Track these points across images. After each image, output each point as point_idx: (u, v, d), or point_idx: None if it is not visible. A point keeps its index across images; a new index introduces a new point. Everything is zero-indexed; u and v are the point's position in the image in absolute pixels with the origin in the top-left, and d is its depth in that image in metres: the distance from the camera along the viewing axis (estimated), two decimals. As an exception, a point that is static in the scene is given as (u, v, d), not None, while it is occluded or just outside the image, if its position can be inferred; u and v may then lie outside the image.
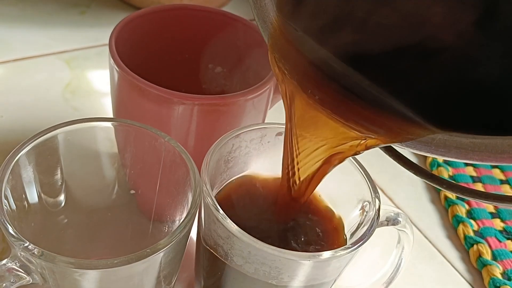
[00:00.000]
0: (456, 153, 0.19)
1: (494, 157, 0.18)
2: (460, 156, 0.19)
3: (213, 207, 0.25)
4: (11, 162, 0.25)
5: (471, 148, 0.18)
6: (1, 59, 0.50)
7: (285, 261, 0.24)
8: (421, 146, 0.20)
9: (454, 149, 0.18)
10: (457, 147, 0.18)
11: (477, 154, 0.18)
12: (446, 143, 0.19)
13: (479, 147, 0.18)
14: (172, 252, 0.25)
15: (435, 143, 0.19)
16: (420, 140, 0.20)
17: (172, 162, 0.28)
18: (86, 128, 0.27)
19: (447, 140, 0.19)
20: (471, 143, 0.18)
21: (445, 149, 0.19)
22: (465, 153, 0.18)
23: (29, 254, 0.22)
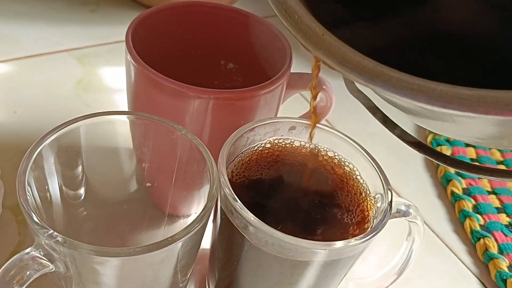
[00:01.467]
0: (459, 104, 0.18)
1: (499, 109, 0.17)
2: (463, 107, 0.18)
3: (231, 197, 0.26)
4: (34, 153, 0.26)
5: (476, 99, 0.18)
6: (13, 56, 0.51)
7: (301, 249, 0.25)
8: (420, 96, 0.19)
9: (457, 99, 0.18)
10: (460, 98, 0.18)
11: (482, 105, 0.17)
12: (448, 94, 0.18)
13: (484, 98, 0.17)
14: (190, 242, 0.26)
15: (437, 93, 0.18)
16: (420, 90, 0.19)
17: (189, 155, 0.29)
18: (106, 121, 0.28)
19: (450, 91, 0.18)
20: (475, 93, 0.18)
21: (447, 100, 0.18)
22: (469, 104, 0.18)
23: (53, 242, 0.23)
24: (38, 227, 0.23)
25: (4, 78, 0.48)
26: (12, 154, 0.41)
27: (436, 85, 0.19)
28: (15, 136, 0.43)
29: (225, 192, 0.26)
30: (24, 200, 0.24)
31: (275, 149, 0.31)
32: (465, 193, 0.46)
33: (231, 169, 0.29)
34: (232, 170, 0.29)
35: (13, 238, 0.35)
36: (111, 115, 0.28)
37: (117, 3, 0.61)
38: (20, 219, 0.37)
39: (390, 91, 0.20)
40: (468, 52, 0.24)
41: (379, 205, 0.29)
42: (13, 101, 0.46)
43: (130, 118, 0.29)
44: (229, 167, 0.29)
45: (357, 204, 0.29)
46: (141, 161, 0.31)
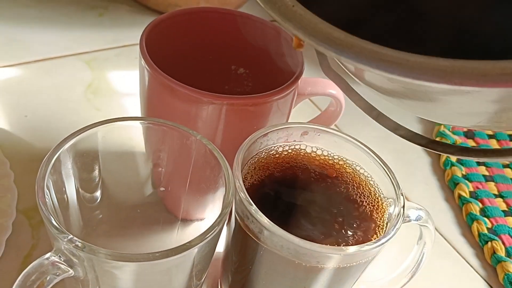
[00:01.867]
0: (434, 75, 0.17)
1: (475, 79, 0.16)
2: (438, 78, 0.17)
3: (247, 202, 0.26)
4: (53, 158, 0.26)
5: (451, 69, 0.17)
6: (22, 60, 0.51)
7: (316, 253, 0.26)
8: (393, 68, 0.18)
9: (432, 70, 0.17)
10: (435, 69, 0.17)
11: (458, 76, 0.17)
12: (422, 64, 0.17)
13: (460, 69, 0.17)
14: (206, 248, 0.26)
15: (410, 64, 0.18)
16: (393, 62, 0.18)
17: (203, 160, 0.29)
18: (123, 127, 0.28)
19: (424, 62, 0.17)
20: (451, 64, 0.17)
21: (422, 71, 0.17)
22: (444, 75, 0.17)
23: (72, 247, 0.23)
24: (57, 231, 0.23)
25: (14, 82, 0.49)
26: (23, 158, 0.41)
27: (410, 56, 0.18)
28: (27, 140, 0.43)
29: (240, 197, 0.27)
30: (43, 205, 0.24)
31: (288, 154, 0.32)
32: (472, 197, 0.46)
33: (245, 174, 0.30)
34: (246, 175, 0.30)
35: (26, 242, 0.36)
36: (127, 121, 0.29)
37: (124, 8, 0.61)
38: (34, 222, 0.37)
39: (362, 63, 0.19)
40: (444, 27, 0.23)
41: (391, 210, 0.30)
42: (23, 105, 0.46)
43: (146, 123, 0.29)
44: (243, 172, 0.29)
45: (370, 209, 0.30)
46: (156, 165, 0.31)
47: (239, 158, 0.28)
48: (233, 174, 0.27)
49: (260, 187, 0.29)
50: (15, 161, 0.39)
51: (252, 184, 0.29)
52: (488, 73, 0.16)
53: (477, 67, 0.17)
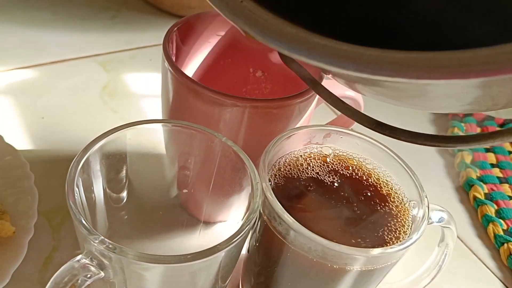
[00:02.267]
0: (390, 69, 0.16)
1: (432, 72, 0.16)
2: (394, 72, 0.16)
3: (274, 203, 0.26)
4: (82, 158, 0.26)
5: (406, 62, 0.16)
6: (37, 62, 0.51)
7: (343, 255, 0.26)
8: (348, 64, 0.17)
9: (387, 65, 0.16)
10: (391, 62, 0.16)
11: (413, 69, 0.16)
12: (377, 58, 0.17)
13: (415, 62, 0.16)
14: (234, 250, 0.26)
15: (365, 59, 0.17)
16: (347, 56, 0.17)
17: (228, 161, 0.29)
18: (150, 129, 0.29)
19: (379, 56, 0.17)
20: (406, 57, 0.16)
21: (377, 65, 0.17)
22: (399, 68, 0.16)
23: (104, 248, 0.23)
24: (88, 233, 0.24)
25: (30, 84, 0.49)
26: (42, 160, 0.41)
27: (365, 50, 0.17)
28: (44, 142, 0.43)
29: (267, 198, 0.27)
30: (74, 206, 0.24)
31: (312, 156, 0.32)
32: (487, 198, 0.46)
33: (270, 176, 0.30)
34: (271, 176, 0.30)
35: (47, 244, 0.36)
36: (153, 123, 0.29)
37: (137, 9, 0.61)
38: (54, 224, 0.37)
39: (315, 60, 0.18)
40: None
41: (415, 212, 0.30)
42: (40, 107, 0.46)
43: (171, 126, 0.29)
44: (268, 174, 0.30)
45: (394, 211, 0.30)
46: (181, 168, 0.31)
47: (265, 159, 0.28)
48: (259, 176, 0.27)
49: (285, 189, 0.29)
50: (34, 163, 0.39)
51: (277, 186, 0.29)
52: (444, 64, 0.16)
53: (433, 58, 0.16)
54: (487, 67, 0.15)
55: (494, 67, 0.15)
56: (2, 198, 0.35)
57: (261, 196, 0.27)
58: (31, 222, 0.34)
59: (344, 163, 0.32)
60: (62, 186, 0.39)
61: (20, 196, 0.36)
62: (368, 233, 0.28)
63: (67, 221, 0.37)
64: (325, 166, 0.31)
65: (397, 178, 0.31)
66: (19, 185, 0.36)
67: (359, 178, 0.31)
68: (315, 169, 0.31)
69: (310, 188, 0.30)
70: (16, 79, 0.49)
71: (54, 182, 0.39)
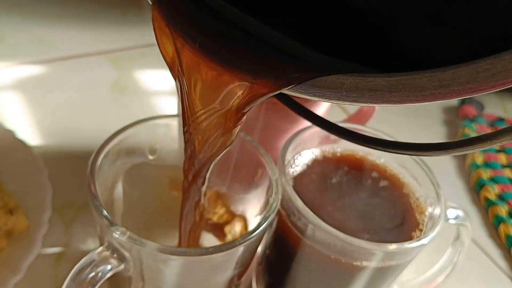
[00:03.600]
0: (371, 97, 0.16)
1: (413, 96, 0.15)
2: (376, 99, 0.16)
3: (294, 198, 0.26)
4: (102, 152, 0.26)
5: (387, 88, 0.16)
6: (48, 57, 0.51)
7: (362, 250, 0.26)
8: (331, 93, 0.17)
9: (368, 92, 0.16)
10: (371, 90, 0.16)
11: (395, 95, 0.16)
12: (358, 86, 0.16)
13: (396, 87, 0.16)
14: (252, 245, 0.26)
15: (346, 88, 0.17)
16: (328, 86, 0.17)
17: (246, 157, 0.29)
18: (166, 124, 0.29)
19: (359, 83, 0.16)
20: (386, 82, 0.16)
21: (358, 93, 0.16)
22: (381, 95, 0.16)
23: (125, 239, 0.23)
24: (109, 224, 0.23)
25: (40, 80, 0.49)
26: (54, 156, 0.41)
27: (344, 79, 0.17)
28: (55, 138, 0.43)
29: (286, 193, 0.27)
30: (95, 198, 0.24)
31: (329, 152, 0.32)
32: (498, 199, 0.46)
33: (288, 171, 0.30)
34: (288, 172, 0.30)
35: (60, 239, 0.36)
36: (170, 118, 0.29)
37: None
38: (67, 219, 0.37)
39: (298, 92, 0.18)
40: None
41: (431, 210, 0.30)
42: (50, 102, 0.46)
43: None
44: (287, 169, 0.30)
45: (410, 208, 0.30)
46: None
47: (284, 155, 0.28)
48: (279, 171, 0.27)
49: (303, 184, 0.29)
50: (45, 158, 0.39)
51: (296, 181, 0.29)
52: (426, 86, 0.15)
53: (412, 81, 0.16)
54: (468, 86, 0.15)
55: (475, 85, 0.15)
56: (15, 193, 0.35)
57: (280, 192, 0.27)
58: (45, 217, 0.34)
59: (360, 160, 0.32)
60: (73, 181, 0.39)
61: (33, 190, 0.36)
62: (385, 230, 0.28)
63: (79, 216, 0.37)
64: (341, 162, 0.31)
65: (413, 175, 0.31)
66: (32, 180, 0.36)
67: (376, 175, 0.31)
68: (331, 165, 0.31)
69: (327, 184, 0.30)
70: (27, 74, 0.49)
71: (65, 177, 0.39)
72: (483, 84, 0.14)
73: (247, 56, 0.20)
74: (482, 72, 0.14)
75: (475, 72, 0.14)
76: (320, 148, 0.32)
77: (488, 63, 0.14)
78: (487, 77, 0.14)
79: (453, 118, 0.56)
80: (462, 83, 0.15)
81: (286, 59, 0.19)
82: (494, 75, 0.14)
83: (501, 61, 0.14)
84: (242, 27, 0.21)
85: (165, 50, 0.22)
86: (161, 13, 0.21)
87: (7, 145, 0.39)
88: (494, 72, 0.14)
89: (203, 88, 0.21)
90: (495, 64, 0.14)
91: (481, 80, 0.14)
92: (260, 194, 0.29)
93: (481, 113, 0.56)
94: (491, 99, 0.60)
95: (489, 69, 0.14)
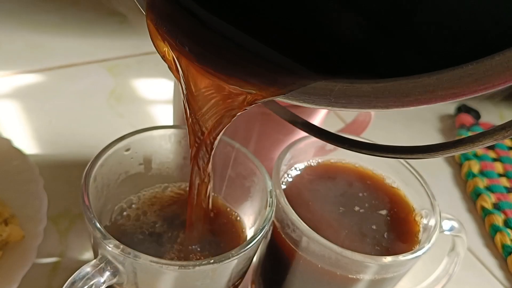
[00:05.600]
0: (359, 103, 0.17)
1: (400, 101, 0.16)
2: (363, 105, 0.17)
3: (288, 210, 0.26)
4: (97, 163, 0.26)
5: (374, 94, 0.16)
6: (45, 66, 0.51)
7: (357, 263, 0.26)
8: (320, 100, 0.18)
9: (356, 99, 0.17)
10: (359, 96, 0.17)
11: (381, 101, 0.16)
12: (346, 92, 0.17)
13: (382, 93, 0.16)
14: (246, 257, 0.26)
15: (334, 94, 0.17)
16: (317, 93, 0.18)
17: (241, 168, 0.29)
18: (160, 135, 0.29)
19: (347, 89, 0.17)
20: (373, 89, 0.16)
21: (346, 100, 0.17)
22: (368, 101, 0.16)
23: (118, 252, 0.23)
24: (102, 236, 0.23)
25: (37, 88, 0.49)
26: (50, 165, 0.41)
27: (333, 85, 0.17)
28: (52, 146, 0.43)
29: (280, 205, 0.27)
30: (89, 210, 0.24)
31: (323, 164, 0.32)
32: (494, 208, 0.46)
33: (282, 182, 0.30)
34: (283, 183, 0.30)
35: (55, 249, 0.36)
36: (165, 129, 0.29)
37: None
38: (62, 229, 0.37)
39: (287, 98, 0.19)
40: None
41: (426, 221, 0.30)
42: (47, 111, 0.46)
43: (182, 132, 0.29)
44: (281, 181, 0.30)
45: (406, 220, 0.30)
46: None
47: (279, 166, 0.28)
48: (273, 182, 0.27)
49: (297, 196, 0.29)
50: (42, 167, 0.39)
51: (290, 192, 0.29)
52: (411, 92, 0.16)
53: (398, 89, 0.16)
54: (452, 91, 0.15)
55: (459, 90, 0.15)
56: (11, 202, 0.35)
57: (275, 204, 0.26)
58: (40, 227, 0.34)
59: (355, 171, 0.32)
60: (68, 190, 0.39)
61: (29, 200, 0.36)
62: (379, 242, 0.28)
63: (74, 226, 0.37)
64: (336, 174, 0.31)
65: (408, 186, 0.31)
66: (28, 189, 0.36)
67: (370, 186, 0.31)
68: (326, 176, 0.31)
69: (322, 196, 0.30)
70: (24, 83, 0.49)
71: (60, 186, 0.39)
72: (466, 89, 0.15)
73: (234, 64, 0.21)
74: (465, 77, 0.15)
75: (458, 77, 0.15)
76: (315, 159, 0.32)
77: (471, 68, 0.15)
78: (470, 82, 0.15)
79: (449, 126, 0.57)
80: (445, 88, 0.15)
81: (275, 68, 0.20)
82: (477, 80, 0.14)
83: (483, 66, 0.14)
84: (228, 37, 0.21)
85: (161, 51, 0.23)
86: (153, 22, 0.23)
87: (3, 153, 0.39)
88: (477, 77, 0.14)
89: (196, 84, 0.23)
90: (477, 69, 0.14)
91: (464, 85, 0.15)
92: (255, 205, 0.29)
93: (477, 121, 0.56)
94: (487, 107, 0.61)
95: (472, 74, 0.15)
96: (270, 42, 0.20)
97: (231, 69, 0.21)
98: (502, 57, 0.14)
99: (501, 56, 0.14)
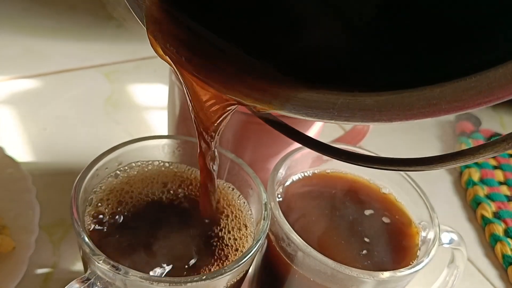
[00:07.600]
0: (362, 116, 0.17)
1: (403, 114, 0.16)
2: (367, 118, 0.17)
3: (283, 223, 0.26)
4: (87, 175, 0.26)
5: (377, 108, 0.16)
6: (40, 71, 0.51)
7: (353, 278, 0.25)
8: (323, 113, 0.17)
9: (359, 112, 0.17)
10: (362, 109, 0.16)
11: (385, 114, 0.16)
12: (349, 106, 0.17)
13: (385, 106, 0.16)
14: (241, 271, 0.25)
15: (337, 108, 0.17)
16: (320, 107, 0.17)
17: (235, 179, 0.29)
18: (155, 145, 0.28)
19: (350, 102, 0.17)
20: (376, 102, 0.16)
21: (349, 113, 0.17)
22: (371, 114, 0.16)
23: (108, 268, 0.22)
24: (91, 252, 0.23)
25: (32, 94, 0.48)
26: (44, 173, 0.41)
27: (336, 99, 0.17)
28: (46, 154, 0.42)
29: (275, 218, 0.26)
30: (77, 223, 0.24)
31: (319, 175, 0.31)
32: (495, 217, 0.45)
33: (278, 195, 0.29)
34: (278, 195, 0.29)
35: (48, 259, 0.35)
36: (160, 139, 0.28)
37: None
38: (55, 239, 0.36)
39: (290, 112, 0.19)
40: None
41: (425, 234, 0.29)
42: (42, 118, 0.46)
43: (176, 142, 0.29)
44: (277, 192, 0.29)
45: (405, 233, 0.29)
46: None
47: (274, 177, 0.28)
48: (268, 194, 0.27)
49: (293, 208, 0.29)
50: (35, 175, 0.38)
51: (285, 205, 0.29)
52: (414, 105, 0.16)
53: (401, 102, 0.16)
54: (455, 104, 0.15)
55: (462, 104, 0.15)
56: (2, 212, 0.35)
57: (270, 217, 0.26)
58: (32, 237, 0.33)
59: (351, 182, 0.31)
60: (63, 199, 0.38)
61: (21, 210, 0.35)
62: (377, 256, 0.28)
63: (67, 236, 0.37)
64: (333, 185, 0.31)
65: (406, 198, 0.31)
66: (20, 199, 0.36)
67: (367, 198, 0.30)
68: (322, 188, 0.30)
69: (318, 208, 0.29)
70: (19, 88, 0.48)
71: (54, 196, 0.39)
72: (470, 101, 0.15)
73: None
74: (469, 90, 0.14)
75: (461, 90, 0.15)
76: (312, 170, 0.31)
77: (474, 80, 0.14)
78: (474, 94, 0.14)
79: (449, 133, 0.56)
80: (449, 101, 0.15)
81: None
82: (481, 92, 0.14)
83: (487, 78, 0.14)
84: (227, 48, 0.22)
85: (162, 56, 0.24)
86: (152, 35, 0.24)
87: (-4, 162, 0.38)
88: (480, 89, 0.14)
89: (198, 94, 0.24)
90: (481, 81, 0.14)
91: (468, 97, 0.15)
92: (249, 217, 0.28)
93: (478, 128, 0.55)
94: (488, 113, 0.60)
95: (475, 87, 0.14)
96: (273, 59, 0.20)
97: (234, 83, 0.21)
98: (505, 69, 0.14)
99: (505, 68, 0.14)
